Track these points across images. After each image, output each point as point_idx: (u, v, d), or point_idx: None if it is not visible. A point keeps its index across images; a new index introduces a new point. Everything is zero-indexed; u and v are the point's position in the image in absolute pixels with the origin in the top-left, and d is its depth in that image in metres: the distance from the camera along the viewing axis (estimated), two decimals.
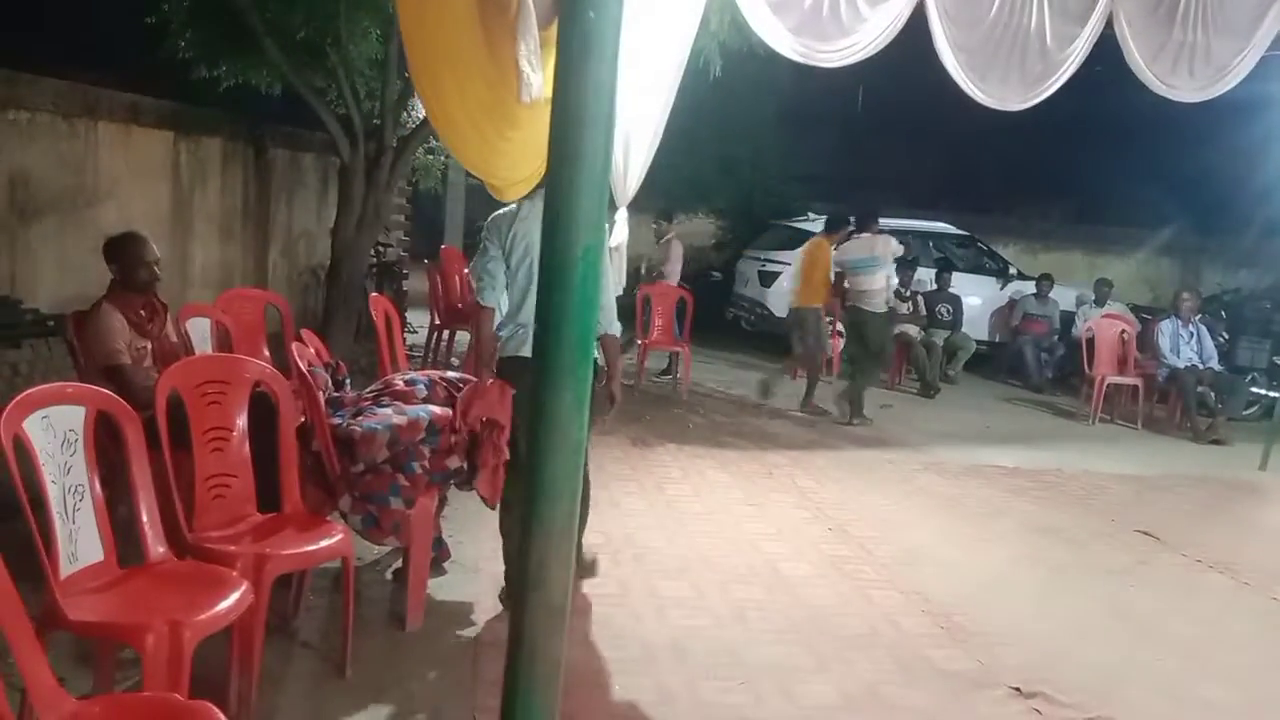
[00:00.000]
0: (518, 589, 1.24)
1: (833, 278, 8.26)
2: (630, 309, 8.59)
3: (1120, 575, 4.92)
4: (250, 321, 5.08)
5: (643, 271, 9.57)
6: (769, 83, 11.22)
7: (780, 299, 11.85)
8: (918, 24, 5.52)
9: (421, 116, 7.04)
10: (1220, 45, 6.95)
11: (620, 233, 6.94)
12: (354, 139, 6.81)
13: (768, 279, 12.42)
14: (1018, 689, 3.49)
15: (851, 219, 8.33)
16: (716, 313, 11.89)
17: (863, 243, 8.19)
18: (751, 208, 13.71)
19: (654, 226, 9.59)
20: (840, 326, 8.97)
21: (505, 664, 1.24)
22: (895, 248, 8.35)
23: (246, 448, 3.20)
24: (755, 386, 8.66)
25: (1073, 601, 4.52)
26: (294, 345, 3.64)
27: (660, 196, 9.41)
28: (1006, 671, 3.63)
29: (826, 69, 6.82)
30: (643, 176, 6.83)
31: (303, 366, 3.47)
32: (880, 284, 8.17)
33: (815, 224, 12.45)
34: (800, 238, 12.49)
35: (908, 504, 5.91)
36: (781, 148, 13.75)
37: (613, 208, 7.01)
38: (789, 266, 12.12)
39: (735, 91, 9.85)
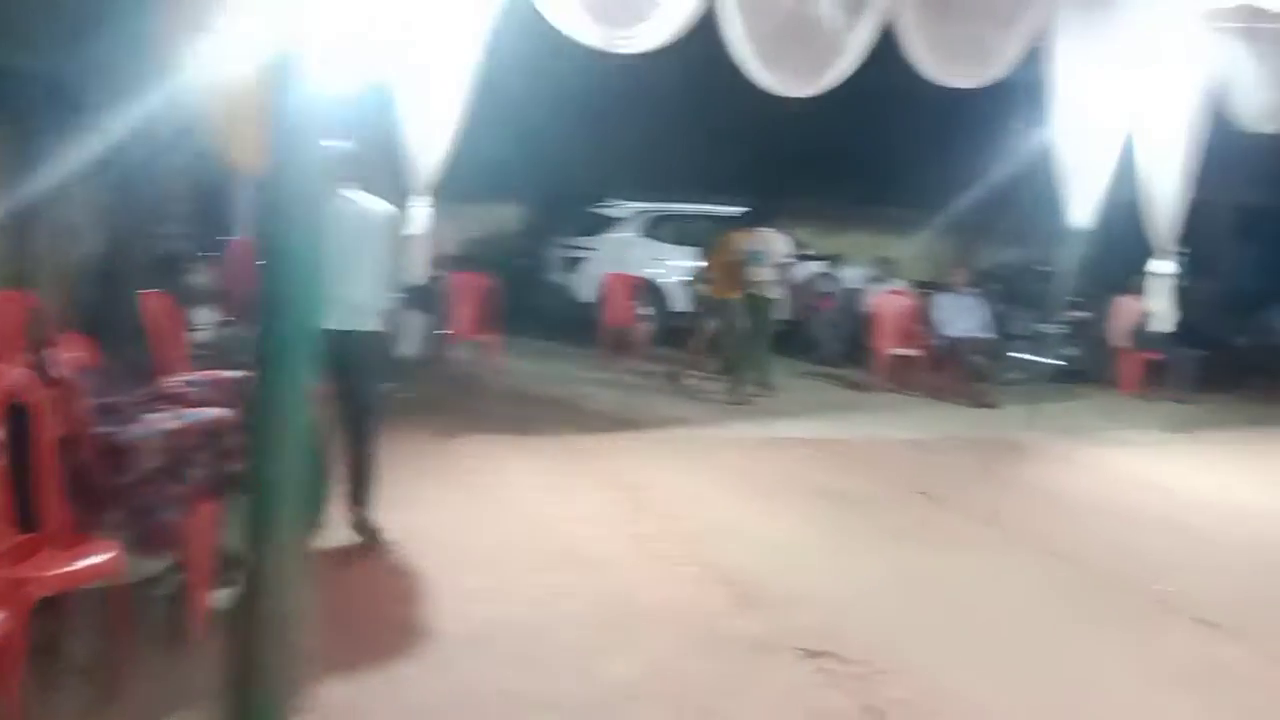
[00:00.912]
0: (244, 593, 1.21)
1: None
2: (439, 298, 8.48)
3: (902, 535, 5.24)
4: (6, 325, 4.69)
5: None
6: (575, 70, 11.24)
7: (587, 284, 11.97)
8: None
9: None
10: (992, 34, 7.50)
11: (417, 221, 6.81)
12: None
13: (574, 265, 12.50)
14: (807, 650, 3.66)
15: (751, 214, 9.14)
16: (525, 300, 11.88)
17: (756, 236, 8.89)
18: (558, 194, 13.73)
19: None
20: None
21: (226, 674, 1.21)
22: (781, 242, 9.18)
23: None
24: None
25: (859, 563, 4.78)
26: (50, 350, 3.39)
27: (466, 184, 9.32)
28: (797, 634, 3.80)
29: (628, 56, 6.99)
30: (443, 164, 6.77)
31: (61, 372, 3.24)
32: (770, 274, 8.96)
33: (622, 211, 12.69)
34: (606, 225, 12.67)
35: (709, 479, 6.11)
36: (587, 135, 13.80)
37: (409, 195, 6.89)
38: (596, 252, 12.30)
39: (542, 78, 9.86)
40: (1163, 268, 8.69)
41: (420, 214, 6.90)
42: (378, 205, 4.67)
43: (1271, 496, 6.58)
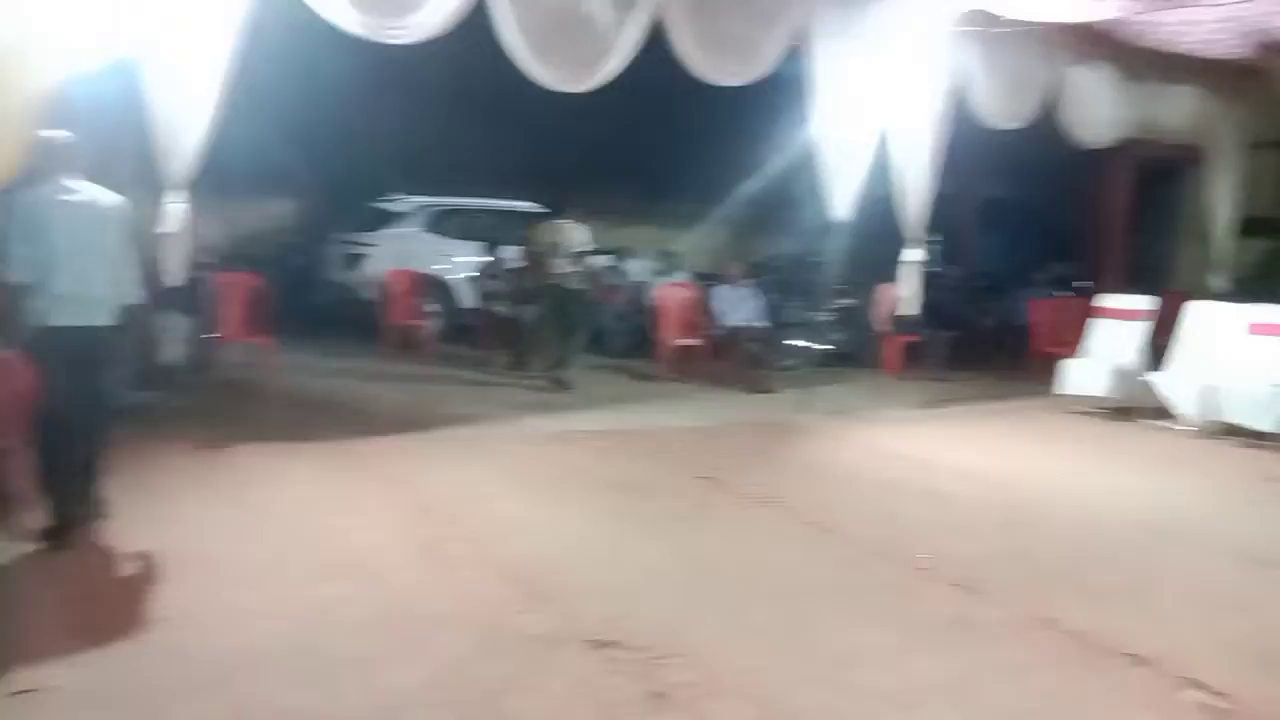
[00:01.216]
0: None
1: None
2: (202, 300, 8.01)
3: (686, 520, 5.40)
4: None
5: None
6: (352, 61, 10.89)
7: (369, 282, 11.63)
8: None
9: None
10: (755, 32, 7.83)
11: (171, 217, 6.43)
12: None
13: (355, 262, 12.12)
14: (594, 641, 3.70)
15: (558, 207, 9.35)
16: (303, 300, 11.41)
17: (556, 228, 9.12)
18: (337, 189, 13.26)
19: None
20: None
21: None
22: (581, 234, 9.30)
23: None
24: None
25: (645, 551, 4.88)
26: None
27: (233, 178, 8.86)
28: (585, 626, 3.83)
29: (408, 48, 6.84)
30: (199, 155, 6.38)
31: None
32: (572, 265, 9.18)
33: (404, 205, 12.38)
34: (388, 220, 12.34)
35: (496, 477, 6.07)
36: (367, 128, 13.39)
37: (162, 190, 6.46)
38: (377, 248, 11.96)
39: (318, 69, 9.50)
40: (913, 256, 9.35)
41: (174, 209, 6.49)
42: (105, 196, 4.44)
43: (1013, 463, 7.20)
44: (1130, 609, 4.35)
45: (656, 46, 7.50)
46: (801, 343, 10.69)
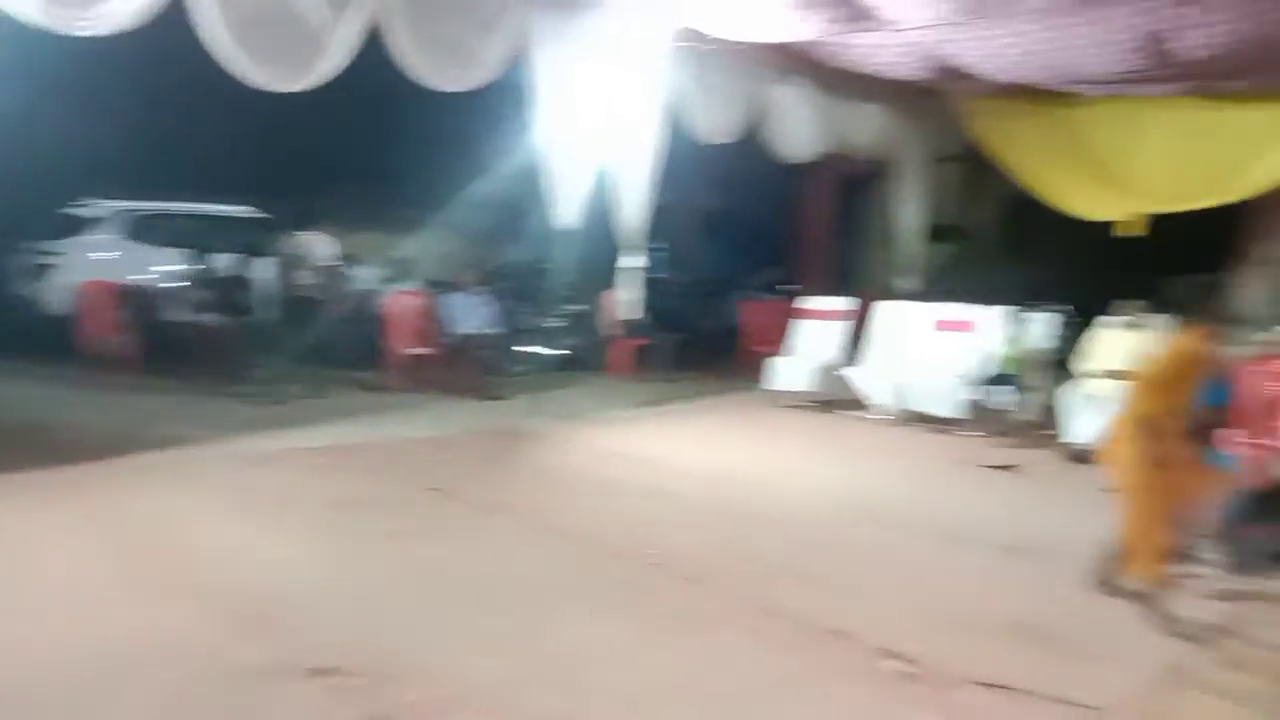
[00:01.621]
0: None
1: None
2: None
3: (414, 535, 5.28)
4: None
5: None
6: (39, 55, 9.83)
7: (59, 294, 10.59)
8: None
9: None
10: (474, 37, 7.79)
11: None
12: None
13: (43, 273, 11.01)
14: (315, 669, 3.55)
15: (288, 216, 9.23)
16: None
17: (299, 239, 9.08)
18: (19, 194, 11.92)
19: None
20: None
21: None
22: (325, 245, 9.29)
23: None
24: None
25: (370, 570, 4.73)
26: None
27: None
28: (305, 654, 3.67)
29: (102, 41, 6.24)
30: None
31: None
32: (314, 277, 9.21)
33: (99, 211, 11.32)
34: (80, 227, 11.25)
35: (212, 500, 5.70)
36: (59, 128, 12.14)
37: None
38: (68, 257, 10.90)
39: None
40: (634, 262, 9.67)
41: None
42: None
43: (732, 457, 7.61)
44: (837, 590, 4.71)
45: (381, 49, 7.31)
46: (533, 349, 10.77)
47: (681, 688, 3.58)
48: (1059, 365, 8.34)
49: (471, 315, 10.08)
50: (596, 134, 8.87)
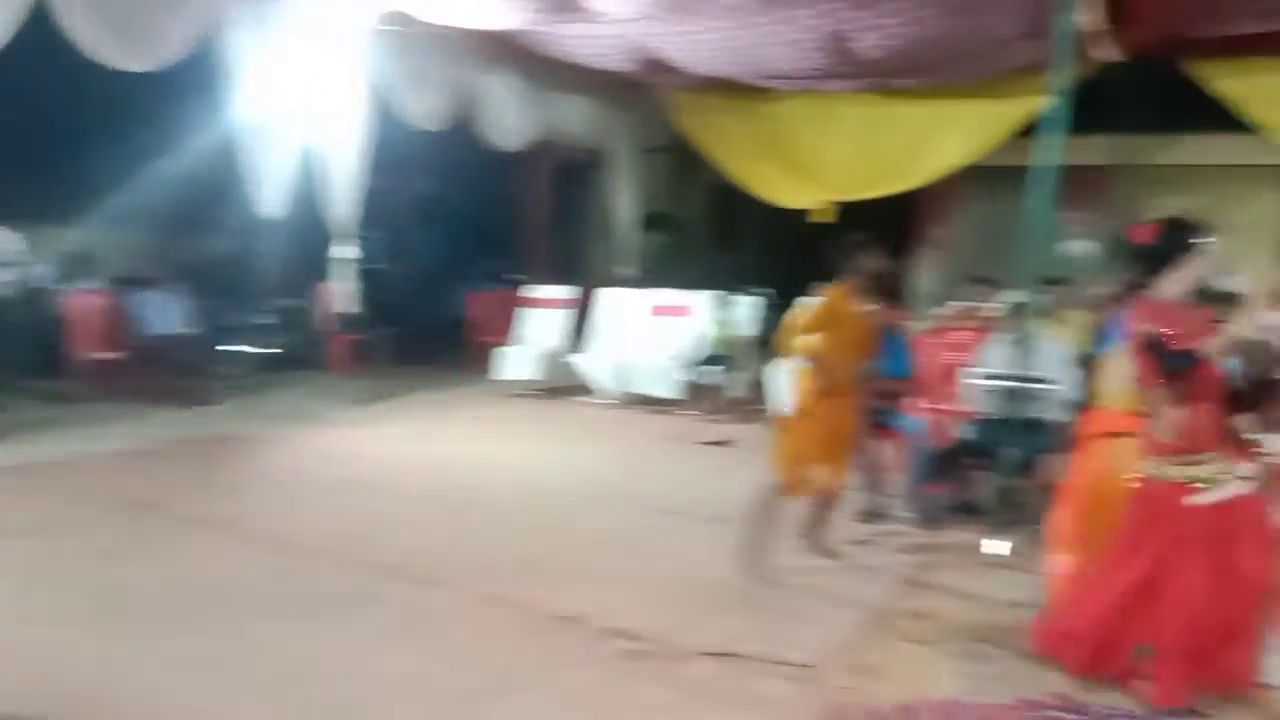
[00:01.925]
0: None
1: None
2: None
3: (113, 556, 4.80)
4: None
5: None
6: None
7: None
8: None
9: None
10: (157, 16, 7.13)
11: None
12: None
13: None
14: None
15: None
16: None
17: None
18: None
19: None
20: None
21: None
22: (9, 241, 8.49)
23: None
24: None
25: (60, 599, 4.24)
26: None
27: None
28: None
29: None
30: None
31: None
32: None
33: None
34: None
35: None
36: None
37: None
38: None
39: None
40: (347, 253, 9.32)
41: None
42: None
43: (460, 450, 7.51)
44: (566, 575, 4.76)
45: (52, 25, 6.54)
46: (241, 348, 10.11)
47: (407, 693, 3.48)
48: (763, 345, 8.87)
49: (165, 314, 9.29)
50: (299, 118, 8.44)
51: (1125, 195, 9.34)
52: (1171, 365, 3.32)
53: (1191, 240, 3.45)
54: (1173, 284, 3.41)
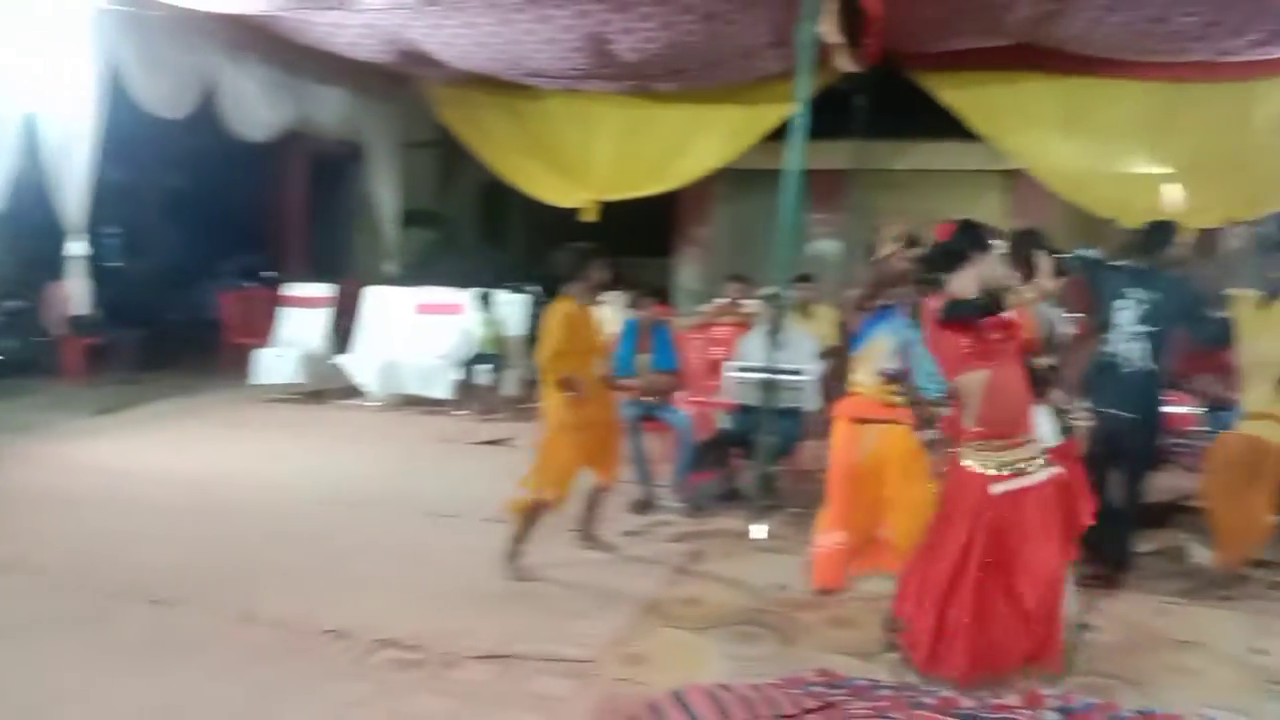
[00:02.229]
0: None
1: None
2: None
3: None
4: None
5: None
6: None
7: None
8: None
9: None
10: None
11: None
12: None
13: None
14: None
15: None
16: None
17: None
18: None
19: None
20: None
21: None
22: None
23: None
24: None
25: None
26: None
27: None
28: None
29: None
30: None
31: None
32: None
33: None
34: None
35: None
36: None
37: None
38: None
39: None
40: (78, 249, 8.57)
41: None
42: None
43: (212, 459, 7.07)
44: (332, 586, 4.59)
45: None
46: None
47: None
48: (533, 342, 8.89)
49: None
50: (19, 105, 7.67)
51: (865, 199, 10.02)
52: (974, 310, 3.46)
53: (982, 241, 3.68)
54: (964, 280, 3.59)
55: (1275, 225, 8.64)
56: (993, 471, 3.54)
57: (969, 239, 3.68)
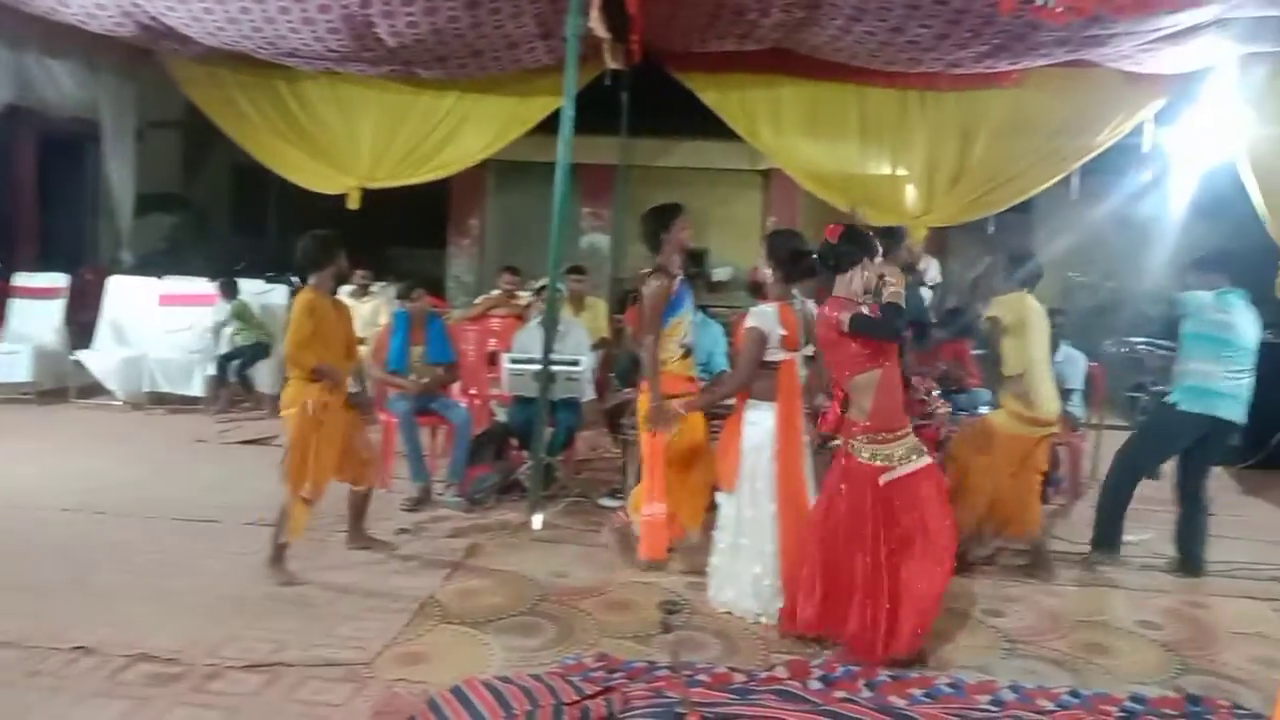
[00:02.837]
0: None
1: None
2: None
3: None
4: None
5: None
6: None
7: None
8: None
9: None
10: None
11: None
12: None
13: None
14: None
15: None
16: None
17: None
18: None
19: None
20: None
21: None
22: None
23: None
24: None
25: None
26: None
27: None
28: None
29: None
30: None
31: None
32: None
33: None
34: None
35: None
36: None
37: None
38: None
39: None
40: None
41: None
42: None
43: None
44: (76, 600, 4.23)
45: None
46: None
47: None
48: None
49: None
50: None
51: (634, 194, 10.25)
52: (886, 330, 3.79)
53: (870, 244, 3.99)
54: (852, 281, 3.91)
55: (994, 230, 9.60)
56: (880, 462, 3.82)
57: (859, 243, 3.98)
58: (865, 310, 3.81)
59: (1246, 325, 5.00)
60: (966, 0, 6.32)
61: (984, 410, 5.54)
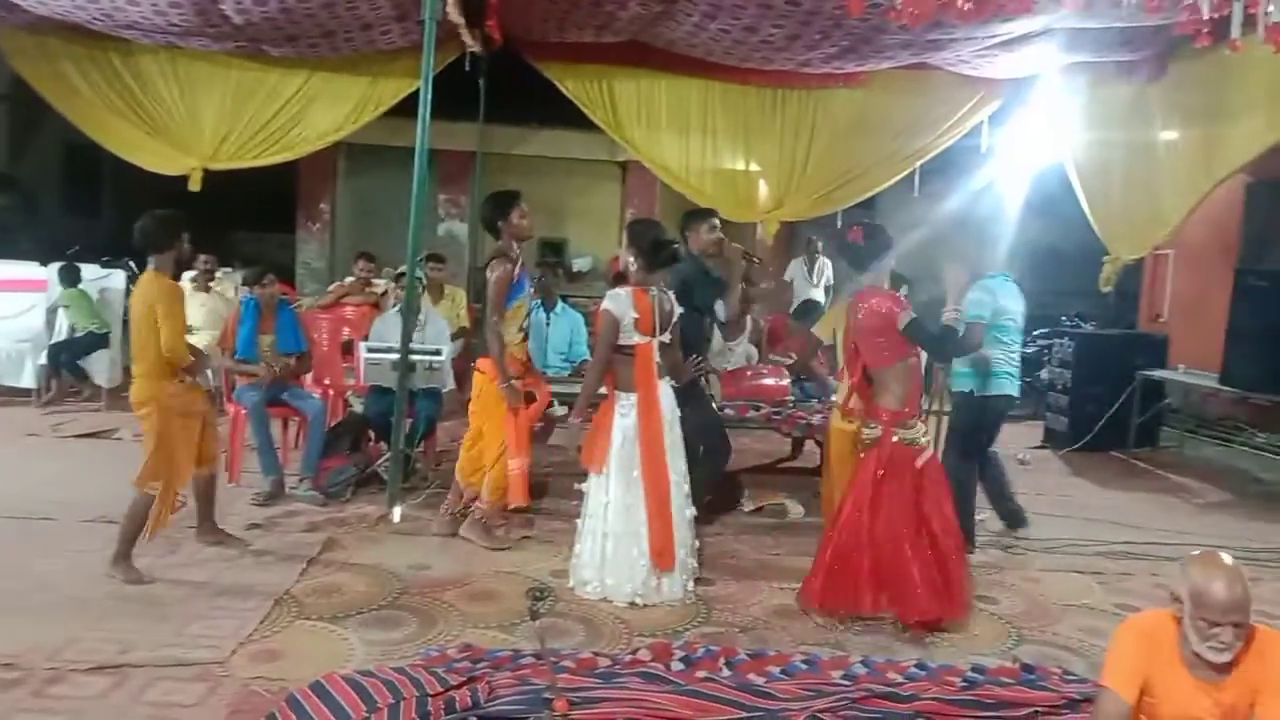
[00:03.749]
0: None
1: None
2: None
3: None
4: None
5: None
6: None
7: None
8: None
9: None
10: None
11: None
12: None
13: None
14: None
15: None
16: None
17: None
18: None
19: None
20: None
21: None
22: None
23: None
24: None
25: None
26: None
27: None
28: None
29: None
30: None
31: None
32: None
33: None
34: None
35: None
36: None
37: None
38: None
39: None
40: None
41: None
42: None
43: None
44: None
45: None
46: None
47: None
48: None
49: None
50: None
51: (492, 182, 10.17)
52: (938, 349, 4.30)
53: (890, 241, 4.35)
54: (880, 276, 4.32)
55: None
56: (913, 445, 4.15)
57: (884, 241, 4.36)
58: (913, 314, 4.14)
59: (1016, 306, 5.24)
60: (817, 3, 6.55)
61: (834, 399, 5.76)
